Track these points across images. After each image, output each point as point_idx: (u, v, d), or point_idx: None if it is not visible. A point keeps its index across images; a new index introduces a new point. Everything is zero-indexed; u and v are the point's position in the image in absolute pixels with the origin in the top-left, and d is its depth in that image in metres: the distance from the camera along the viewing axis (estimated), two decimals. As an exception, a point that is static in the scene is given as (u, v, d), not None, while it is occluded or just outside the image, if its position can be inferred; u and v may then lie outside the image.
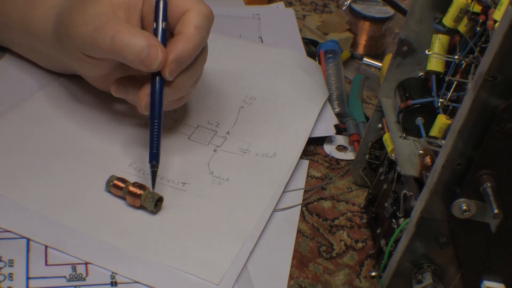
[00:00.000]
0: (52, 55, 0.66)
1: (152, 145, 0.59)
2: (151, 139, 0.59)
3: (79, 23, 0.59)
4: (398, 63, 0.61)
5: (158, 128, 0.59)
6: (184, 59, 0.59)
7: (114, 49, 0.57)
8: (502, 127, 0.45)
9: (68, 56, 0.62)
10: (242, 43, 0.83)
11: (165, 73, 0.58)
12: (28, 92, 0.68)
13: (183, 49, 0.58)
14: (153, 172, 0.59)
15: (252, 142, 0.68)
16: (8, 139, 0.62)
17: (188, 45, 0.58)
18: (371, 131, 0.65)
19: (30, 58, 0.70)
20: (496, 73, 0.44)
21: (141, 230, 0.57)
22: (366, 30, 0.91)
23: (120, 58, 0.58)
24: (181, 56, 0.58)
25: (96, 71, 0.63)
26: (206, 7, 0.61)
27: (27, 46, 0.69)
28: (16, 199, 0.57)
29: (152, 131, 0.59)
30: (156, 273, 0.53)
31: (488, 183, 0.46)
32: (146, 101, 0.59)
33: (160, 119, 0.59)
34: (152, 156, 0.59)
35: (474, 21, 0.54)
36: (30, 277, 0.51)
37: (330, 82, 0.80)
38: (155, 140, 0.59)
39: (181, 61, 0.59)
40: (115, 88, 0.62)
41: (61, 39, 0.62)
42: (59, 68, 0.69)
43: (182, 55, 0.58)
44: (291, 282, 0.56)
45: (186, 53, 0.58)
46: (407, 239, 0.51)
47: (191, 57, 0.59)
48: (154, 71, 0.58)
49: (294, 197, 0.64)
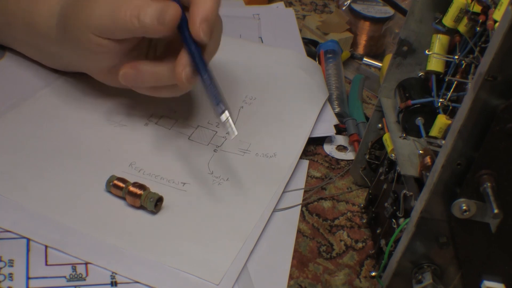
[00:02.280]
0: (55, 52, 0.66)
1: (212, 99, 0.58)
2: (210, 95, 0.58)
3: (92, 5, 0.59)
4: (398, 63, 0.61)
5: (211, 82, 0.58)
6: (211, 17, 0.58)
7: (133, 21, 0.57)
8: (502, 127, 0.45)
9: (74, 49, 0.62)
10: (242, 43, 0.83)
11: (199, 35, 0.58)
12: (28, 91, 0.68)
13: (206, 7, 0.58)
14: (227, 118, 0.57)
15: (252, 142, 0.68)
16: (8, 138, 0.62)
17: (207, 4, 0.58)
18: (371, 131, 0.65)
19: (31, 56, 0.70)
20: (496, 73, 0.44)
21: (141, 230, 0.57)
22: (366, 30, 0.91)
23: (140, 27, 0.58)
24: (207, 15, 0.58)
25: (105, 60, 0.62)
26: None
27: (30, 44, 0.69)
28: (16, 199, 0.57)
29: (208, 88, 0.58)
30: (156, 273, 0.53)
31: (488, 183, 0.46)
32: (186, 72, 0.58)
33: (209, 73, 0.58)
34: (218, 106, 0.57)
35: (474, 21, 0.54)
36: (30, 277, 0.51)
37: (330, 82, 0.80)
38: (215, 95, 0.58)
39: (209, 20, 0.58)
40: (123, 73, 0.61)
41: (68, 30, 0.61)
42: (61, 65, 0.69)
43: (207, 13, 0.58)
44: (291, 282, 0.56)
45: (210, 10, 0.58)
46: (407, 239, 0.51)
47: (215, 13, 0.59)
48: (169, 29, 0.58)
49: (294, 197, 0.64)
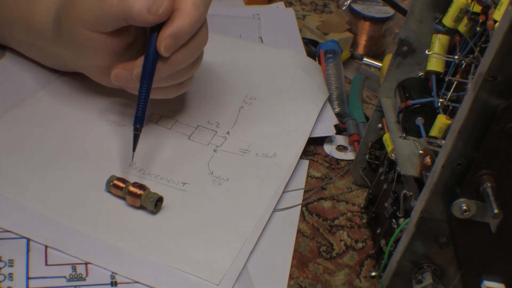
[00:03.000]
0: (53, 52, 0.66)
1: (138, 108, 0.59)
2: (138, 103, 0.59)
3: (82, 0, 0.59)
4: (398, 63, 0.61)
5: (146, 92, 0.59)
6: (180, 35, 0.58)
7: (121, 9, 0.57)
8: (502, 127, 0.45)
9: (69, 47, 0.62)
10: (242, 43, 0.83)
11: (160, 48, 0.58)
12: (28, 91, 0.68)
13: (180, 25, 0.58)
14: (135, 135, 0.59)
15: (252, 142, 0.68)
16: (8, 139, 0.62)
17: (184, 21, 0.58)
18: (371, 131, 0.65)
19: (30, 55, 0.70)
20: (496, 73, 0.44)
21: (141, 230, 0.57)
22: (366, 30, 0.91)
23: (129, 16, 0.58)
24: (177, 32, 0.58)
25: (99, 58, 0.62)
26: None
27: (28, 43, 0.69)
28: (16, 199, 0.57)
29: (140, 95, 0.59)
30: (156, 273, 0.53)
31: (488, 183, 0.46)
32: (138, 71, 0.59)
33: (149, 83, 0.59)
34: (137, 119, 0.59)
35: (474, 21, 0.54)
36: (30, 277, 0.51)
37: (330, 82, 0.80)
38: (141, 104, 0.59)
39: (177, 37, 0.58)
40: (115, 74, 0.61)
41: (61, 28, 0.62)
42: (59, 65, 0.69)
43: (178, 30, 0.58)
44: (291, 282, 0.56)
45: (183, 28, 0.58)
46: (407, 239, 0.51)
47: (187, 34, 0.59)
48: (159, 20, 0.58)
49: (294, 197, 0.64)
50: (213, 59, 0.66)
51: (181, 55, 0.60)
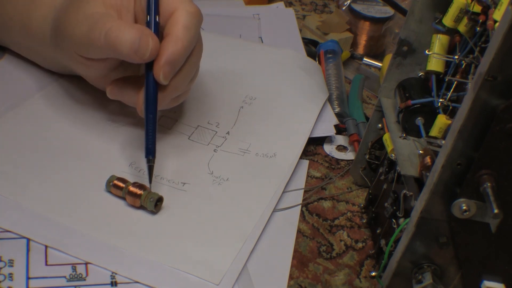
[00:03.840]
0: (51, 56, 0.66)
1: (148, 140, 0.59)
2: (146, 134, 0.59)
3: (73, 24, 0.59)
4: (398, 63, 0.61)
5: (153, 123, 0.59)
6: (176, 61, 0.58)
7: (108, 45, 0.57)
8: (502, 127, 0.45)
9: (66, 57, 0.62)
10: (242, 43, 0.83)
11: (159, 77, 0.58)
12: (28, 92, 0.68)
13: (174, 50, 0.58)
14: (149, 167, 0.59)
15: (252, 142, 0.68)
16: (8, 139, 0.62)
17: (177, 46, 0.58)
18: (371, 131, 0.65)
19: (29, 58, 0.70)
20: (496, 73, 0.44)
21: (141, 230, 0.57)
22: (366, 30, 0.91)
23: (115, 54, 0.58)
24: (172, 58, 0.58)
25: (93, 72, 0.63)
26: (193, 6, 0.60)
27: (27, 47, 0.69)
28: (16, 199, 0.57)
29: (147, 126, 0.59)
30: (156, 273, 0.53)
31: (488, 183, 0.46)
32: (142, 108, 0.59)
33: (154, 113, 0.59)
34: (148, 151, 0.59)
35: (474, 21, 0.54)
36: (30, 277, 0.51)
37: (330, 82, 0.80)
38: (150, 135, 0.59)
39: (173, 63, 0.58)
40: (110, 90, 0.61)
41: (58, 40, 0.62)
42: (58, 68, 0.69)
43: (173, 57, 0.58)
44: (291, 282, 0.56)
45: (177, 54, 0.58)
46: (407, 239, 0.51)
47: (182, 58, 0.59)
48: (147, 61, 0.58)
49: (294, 197, 0.64)
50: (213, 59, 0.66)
51: (179, 78, 0.60)
